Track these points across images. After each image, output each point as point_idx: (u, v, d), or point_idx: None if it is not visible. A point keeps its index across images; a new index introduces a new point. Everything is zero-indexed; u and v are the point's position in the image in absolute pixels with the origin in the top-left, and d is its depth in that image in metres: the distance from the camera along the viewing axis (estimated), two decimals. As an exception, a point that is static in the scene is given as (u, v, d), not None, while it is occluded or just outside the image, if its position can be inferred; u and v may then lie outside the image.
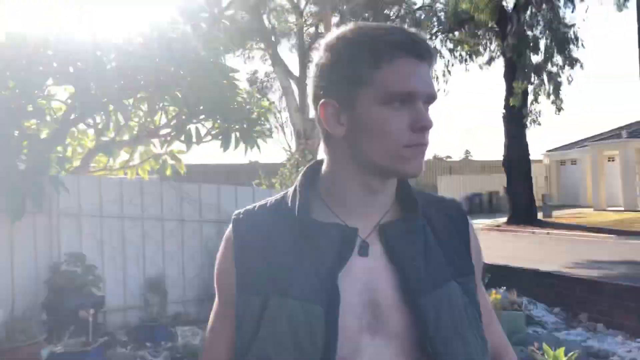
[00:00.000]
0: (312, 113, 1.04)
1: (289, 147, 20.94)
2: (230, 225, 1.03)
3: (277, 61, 18.67)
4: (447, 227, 1.04)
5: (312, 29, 21.71)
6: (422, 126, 0.92)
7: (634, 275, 8.38)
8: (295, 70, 19.30)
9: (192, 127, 6.26)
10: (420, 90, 0.92)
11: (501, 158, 19.82)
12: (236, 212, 1.05)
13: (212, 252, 6.31)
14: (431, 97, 0.94)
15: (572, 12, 30.38)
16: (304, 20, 20.60)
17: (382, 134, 0.91)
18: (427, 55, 0.93)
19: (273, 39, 19.02)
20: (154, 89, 5.46)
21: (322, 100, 0.96)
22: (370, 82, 0.91)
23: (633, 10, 6.61)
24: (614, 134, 24.40)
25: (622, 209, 21.46)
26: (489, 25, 18.33)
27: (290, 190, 1.03)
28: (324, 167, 1.01)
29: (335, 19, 19.08)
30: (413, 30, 0.96)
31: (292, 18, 20.95)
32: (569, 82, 17.13)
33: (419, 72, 0.92)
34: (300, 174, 1.04)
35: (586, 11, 30.19)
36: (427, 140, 0.93)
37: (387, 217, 0.99)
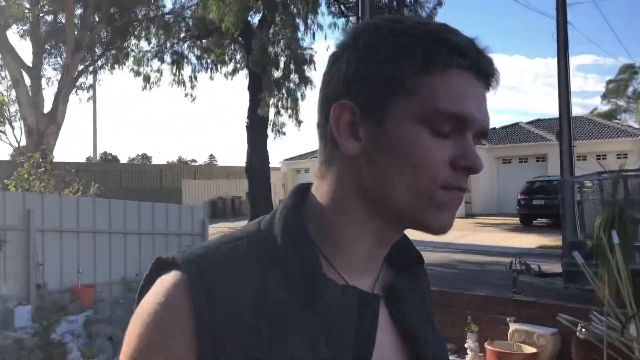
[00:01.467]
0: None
1: (18, 143, 18.98)
2: (174, 282, 0.62)
3: (6, 48, 16.81)
4: (422, 281, 0.81)
5: (49, 17, 20.05)
6: (469, 166, 0.65)
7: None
8: (28, 60, 17.63)
9: None
10: (476, 118, 0.65)
11: (244, 164, 20.95)
12: (183, 257, 0.64)
13: None
14: (483, 133, 0.67)
15: (313, 39, 33.47)
16: (40, 7, 18.92)
17: (416, 164, 0.64)
18: (490, 75, 0.67)
19: (1, 22, 17.08)
20: None
21: (339, 101, 0.66)
22: (413, 90, 0.64)
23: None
24: (340, 147, 27.63)
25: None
26: (235, 37, 19.27)
27: (270, 221, 0.70)
28: (320, 197, 0.70)
29: (78, 11, 17.99)
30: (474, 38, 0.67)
31: (27, 3, 19.06)
32: (302, 99, 19.00)
33: (477, 95, 0.66)
34: (284, 207, 0.70)
35: (325, 38, 33.29)
36: (467, 187, 0.67)
37: (383, 273, 0.74)
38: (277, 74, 18.75)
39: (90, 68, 20.93)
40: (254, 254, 0.66)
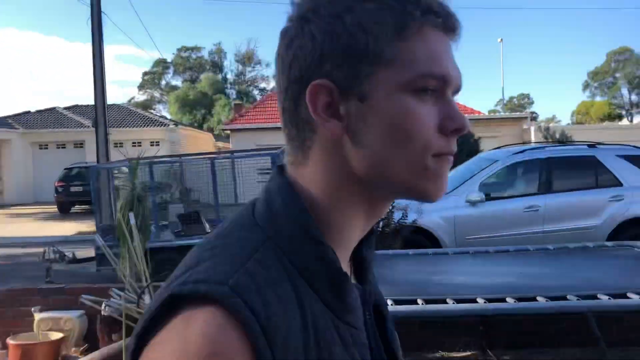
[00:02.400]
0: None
1: None
2: (219, 322, 0.51)
3: None
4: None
5: None
6: (458, 128, 0.63)
7: None
8: None
9: None
10: (454, 76, 0.64)
11: None
12: (217, 289, 0.53)
13: None
14: (458, 90, 0.66)
15: None
16: None
17: (407, 136, 0.61)
18: (457, 30, 0.65)
19: None
20: None
21: (314, 81, 0.61)
22: (392, 57, 0.61)
23: None
24: None
25: None
26: None
27: (272, 221, 0.62)
28: (307, 185, 0.65)
29: None
30: None
31: None
32: None
33: (450, 52, 0.64)
34: (286, 203, 0.63)
35: None
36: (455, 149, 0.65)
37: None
38: None
39: None
40: (280, 267, 0.58)
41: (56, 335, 4.47)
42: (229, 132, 24.38)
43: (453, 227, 7.13)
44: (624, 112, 52.77)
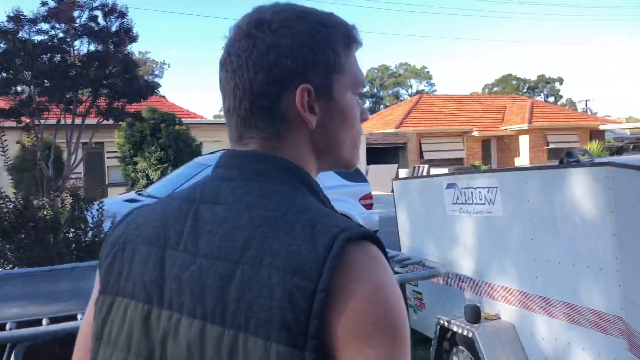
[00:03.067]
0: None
1: None
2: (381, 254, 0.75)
3: None
4: None
5: None
6: (366, 118, 0.91)
7: None
8: None
9: None
10: None
11: None
12: (369, 232, 0.74)
13: None
14: None
15: None
16: None
17: (353, 124, 0.87)
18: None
19: None
20: None
21: (302, 85, 0.80)
22: (345, 68, 0.84)
23: None
24: None
25: None
26: None
27: (315, 193, 0.83)
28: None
29: None
30: None
31: None
32: None
33: None
34: (312, 181, 0.84)
35: None
36: None
37: None
38: None
39: None
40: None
41: None
42: None
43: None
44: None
